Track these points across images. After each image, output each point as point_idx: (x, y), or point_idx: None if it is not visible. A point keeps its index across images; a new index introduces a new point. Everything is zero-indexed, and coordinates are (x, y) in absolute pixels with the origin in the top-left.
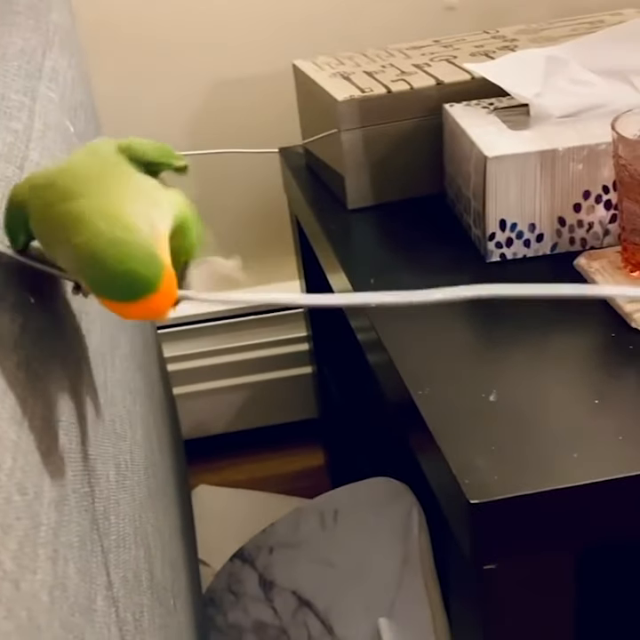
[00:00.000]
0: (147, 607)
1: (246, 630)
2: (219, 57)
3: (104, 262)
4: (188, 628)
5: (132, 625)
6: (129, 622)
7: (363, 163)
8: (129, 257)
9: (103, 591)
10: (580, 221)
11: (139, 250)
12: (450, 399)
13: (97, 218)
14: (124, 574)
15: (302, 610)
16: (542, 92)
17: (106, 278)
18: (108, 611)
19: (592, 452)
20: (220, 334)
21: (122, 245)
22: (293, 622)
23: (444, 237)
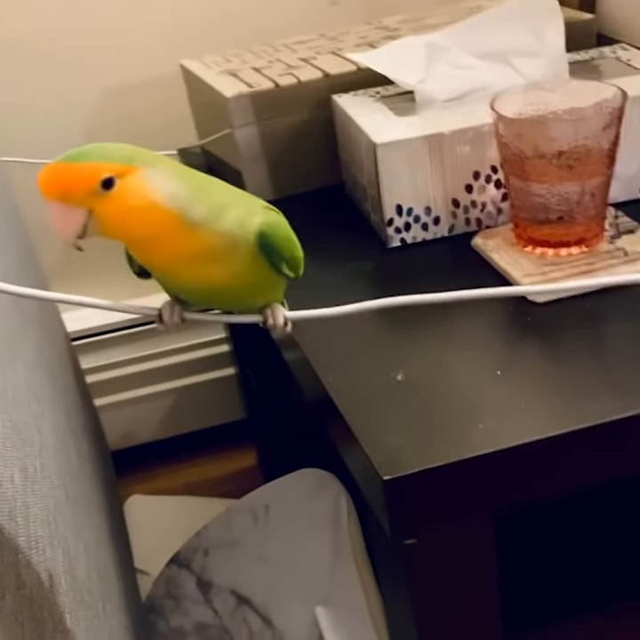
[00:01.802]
0: (69, 608)
1: (188, 633)
2: (107, 63)
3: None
4: (124, 634)
5: (51, 624)
6: (47, 622)
7: (259, 158)
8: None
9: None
10: (474, 202)
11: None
12: (359, 382)
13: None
14: (38, 575)
15: (241, 607)
16: (426, 77)
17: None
18: (20, 609)
19: (497, 422)
20: (139, 341)
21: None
22: (233, 620)
23: (346, 226)
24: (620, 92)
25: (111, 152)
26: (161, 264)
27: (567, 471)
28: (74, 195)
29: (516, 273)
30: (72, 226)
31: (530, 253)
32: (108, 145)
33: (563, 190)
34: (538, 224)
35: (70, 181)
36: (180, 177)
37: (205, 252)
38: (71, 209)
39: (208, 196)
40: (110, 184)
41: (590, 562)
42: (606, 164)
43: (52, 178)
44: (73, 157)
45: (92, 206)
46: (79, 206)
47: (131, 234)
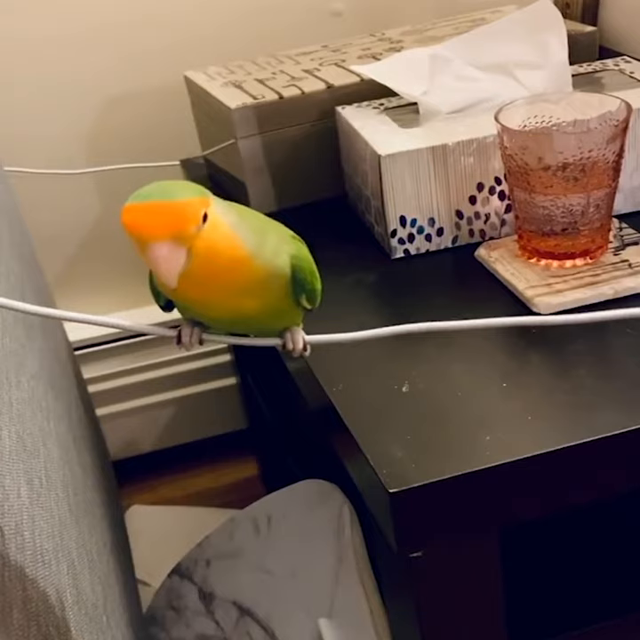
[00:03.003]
0: (74, 623)
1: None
2: (110, 73)
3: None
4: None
5: (57, 639)
6: (53, 636)
7: (262, 169)
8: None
9: (20, 605)
10: (477, 213)
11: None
12: (364, 394)
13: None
14: (45, 589)
15: (244, 619)
16: (429, 89)
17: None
18: (27, 624)
19: (503, 434)
20: (141, 351)
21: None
22: (236, 632)
23: (349, 237)
24: (624, 105)
25: (189, 186)
26: (206, 297)
27: (574, 484)
28: (184, 233)
29: (520, 284)
30: (177, 266)
31: (534, 265)
32: (183, 183)
33: (567, 202)
34: (542, 236)
35: (179, 219)
36: (227, 205)
37: (256, 283)
38: (177, 248)
39: (249, 224)
40: (205, 219)
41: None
42: (611, 176)
43: (156, 218)
44: (164, 195)
45: (192, 243)
46: (184, 244)
47: (210, 268)
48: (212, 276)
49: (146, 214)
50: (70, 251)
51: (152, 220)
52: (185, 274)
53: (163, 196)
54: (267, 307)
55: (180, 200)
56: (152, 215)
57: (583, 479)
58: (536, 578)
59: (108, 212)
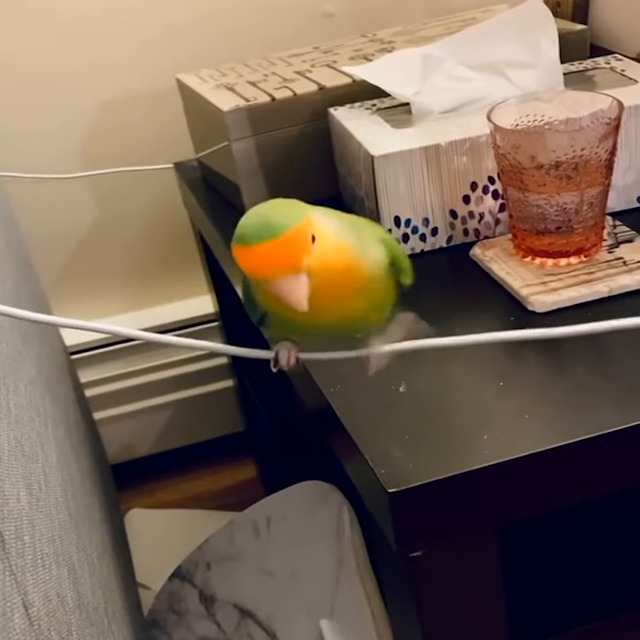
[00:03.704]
0: (75, 626)
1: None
2: (102, 77)
3: (257, 211)
4: None
5: (66, 638)
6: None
7: (256, 171)
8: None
9: (21, 609)
10: (471, 212)
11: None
12: (361, 394)
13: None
14: (46, 593)
15: (245, 621)
16: (421, 90)
17: (245, 224)
18: (29, 629)
19: (501, 432)
20: (137, 354)
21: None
22: (237, 634)
23: None
24: (616, 103)
25: (289, 208)
26: (321, 307)
27: (571, 483)
28: (300, 262)
29: (515, 283)
30: (304, 291)
31: (529, 263)
32: (279, 204)
33: (561, 200)
34: (536, 234)
35: (293, 253)
36: (323, 212)
37: (367, 280)
38: (298, 276)
39: (346, 224)
40: (313, 240)
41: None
42: (604, 174)
43: (273, 257)
44: (272, 231)
45: (309, 265)
46: (304, 270)
47: (328, 280)
48: (331, 286)
49: (261, 257)
50: (65, 255)
51: (268, 260)
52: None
53: (271, 233)
54: (374, 301)
55: (289, 232)
56: (267, 257)
57: (580, 478)
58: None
59: (103, 215)
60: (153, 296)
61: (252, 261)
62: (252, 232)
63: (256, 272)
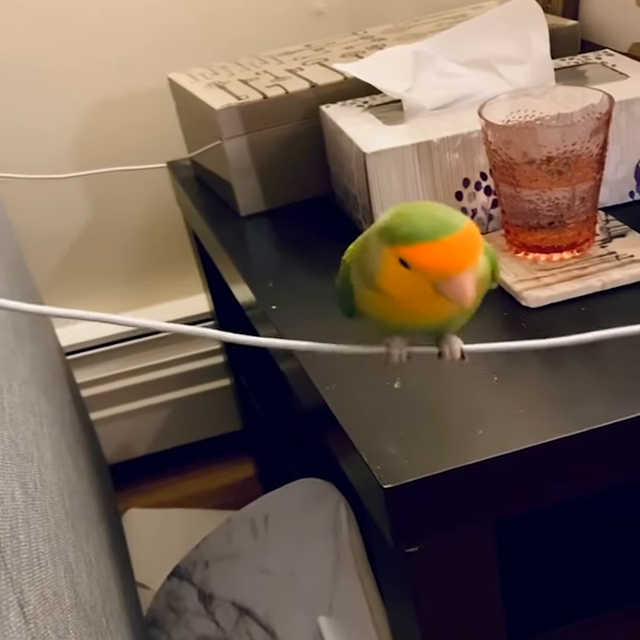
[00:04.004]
0: (72, 625)
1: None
2: (94, 78)
3: (417, 212)
4: None
5: (63, 637)
6: (51, 638)
7: (248, 169)
8: (448, 211)
9: (17, 608)
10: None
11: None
12: (356, 391)
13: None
14: (42, 592)
15: (243, 619)
16: (413, 86)
17: (416, 223)
18: (25, 627)
19: (496, 428)
20: (133, 354)
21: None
22: (236, 632)
23: (337, 236)
24: (606, 97)
25: (452, 210)
26: (432, 308)
27: (568, 476)
28: (479, 255)
29: (508, 279)
30: (472, 287)
31: (522, 259)
32: (429, 205)
33: (553, 196)
34: (529, 230)
35: (475, 245)
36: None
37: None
38: (472, 273)
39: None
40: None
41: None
42: (595, 169)
43: (461, 249)
44: (456, 226)
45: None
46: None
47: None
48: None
49: (449, 250)
50: (59, 255)
51: (456, 253)
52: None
53: (454, 227)
54: (470, 308)
55: (467, 225)
56: (456, 249)
57: (575, 472)
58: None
59: (97, 214)
60: (148, 295)
61: (437, 257)
62: (430, 229)
63: (439, 267)
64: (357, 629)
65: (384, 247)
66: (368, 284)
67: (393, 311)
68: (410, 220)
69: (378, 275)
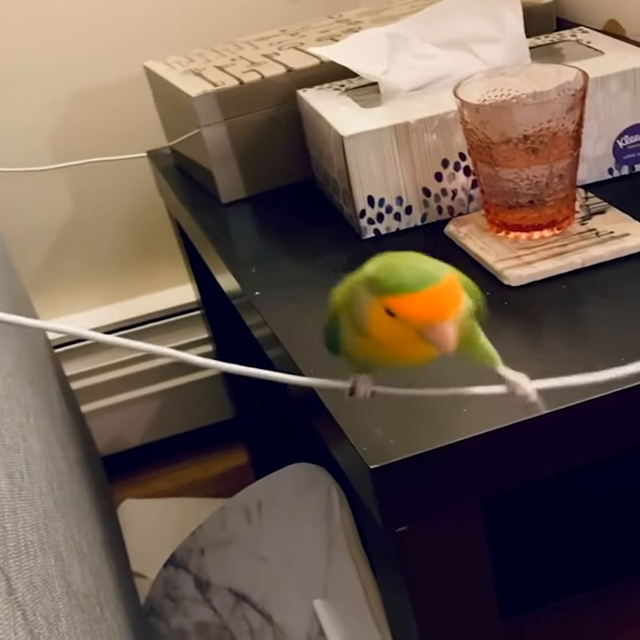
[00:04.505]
0: (64, 612)
1: (189, 633)
2: (70, 68)
3: (401, 264)
4: (124, 636)
5: (46, 628)
6: (41, 625)
7: (228, 156)
8: (431, 262)
9: (4, 595)
10: (444, 190)
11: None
12: (340, 375)
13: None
14: (30, 580)
15: (240, 604)
16: (389, 68)
17: (401, 275)
18: (13, 614)
19: (481, 406)
20: None
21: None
22: (233, 618)
23: (319, 220)
24: (581, 74)
25: (434, 262)
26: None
27: (551, 453)
28: (461, 305)
29: (489, 258)
30: (455, 334)
31: (503, 238)
32: (410, 256)
33: (531, 174)
34: (509, 209)
35: (455, 295)
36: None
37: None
38: (455, 320)
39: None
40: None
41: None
42: (572, 146)
43: (442, 300)
44: (438, 277)
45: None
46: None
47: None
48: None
49: (430, 301)
50: (43, 249)
51: (437, 304)
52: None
53: (435, 278)
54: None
55: (448, 276)
56: (436, 300)
57: (560, 447)
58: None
59: (80, 207)
60: (135, 286)
61: (420, 307)
62: (413, 280)
63: (423, 317)
64: (352, 611)
65: (371, 297)
66: (357, 330)
67: (379, 354)
68: (395, 273)
69: (366, 322)
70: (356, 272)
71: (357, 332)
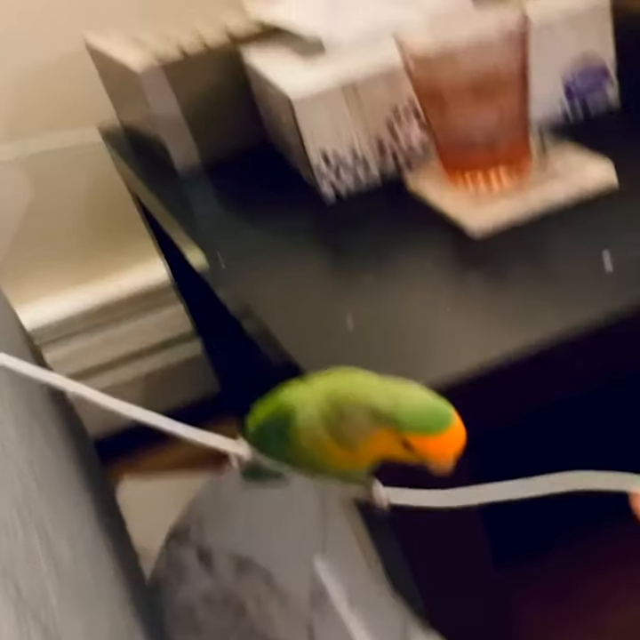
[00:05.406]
0: (52, 589)
1: (196, 604)
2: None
3: (419, 400)
4: (126, 611)
5: (33, 603)
6: (27, 600)
7: (180, 127)
8: (434, 397)
9: None
10: (399, 144)
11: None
12: (314, 336)
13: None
14: (12, 558)
15: (243, 570)
16: (330, 24)
17: (422, 414)
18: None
19: (451, 353)
20: (104, 328)
21: (423, 392)
22: (238, 583)
23: (279, 185)
24: (523, 15)
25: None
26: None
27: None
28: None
29: (451, 209)
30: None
31: (462, 186)
32: (409, 388)
33: (481, 119)
34: (463, 156)
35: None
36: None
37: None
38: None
39: None
40: None
41: None
42: (520, 87)
43: (460, 438)
44: (452, 414)
45: None
46: None
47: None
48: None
49: (451, 440)
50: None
51: (457, 441)
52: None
53: (450, 417)
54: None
55: (453, 411)
56: (456, 438)
57: (535, 382)
58: None
59: (40, 191)
60: (106, 266)
61: (443, 446)
62: (436, 422)
63: (443, 454)
64: (351, 566)
65: (380, 427)
66: (338, 442)
67: (343, 462)
68: (415, 412)
69: (361, 442)
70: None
71: (338, 442)
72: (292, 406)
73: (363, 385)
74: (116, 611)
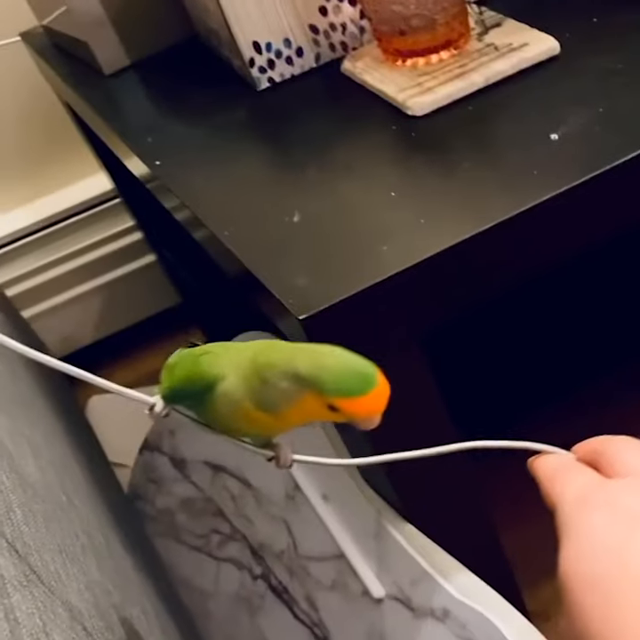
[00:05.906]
0: (17, 503)
1: (175, 510)
2: None
3: (342, 363)
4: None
5: (5, 516)
6: None
7: (103, 24)
8: (357, 359)
9: None
10: (332, 24)
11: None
12: (257, 233)
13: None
14: None
15: (218, 475)
16: None
17: (345, 377)
18: None
19: (401, 241)
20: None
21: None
22: (214, 489)
23: (210, 78)
24: None
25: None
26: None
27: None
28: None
29: (390, 90)
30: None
31: (401, 67)
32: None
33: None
34: (400, 34)
35: (387, 388)
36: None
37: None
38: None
39: None
40: None
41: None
42: None
43: (383, 396)
44: (376, 376)
45: None
46: None
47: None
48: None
49: (375, 400)
50: None
51: (381, 401)
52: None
53: (374, 381)
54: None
55: (379, 373)
56: (380, 399)
57: (484, 269)
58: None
59: None
60: (49, 182)
61: (366, 406)
62: (359, 385)
63: (368, 414)
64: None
65: (303, 391)
66: (260, 407)
67: (266, 427)
68: (339, 376)
69: (285, 407)
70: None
71: (261, 409)
72: (212, 376)
73: (285, 351)
74: (92, 522)
